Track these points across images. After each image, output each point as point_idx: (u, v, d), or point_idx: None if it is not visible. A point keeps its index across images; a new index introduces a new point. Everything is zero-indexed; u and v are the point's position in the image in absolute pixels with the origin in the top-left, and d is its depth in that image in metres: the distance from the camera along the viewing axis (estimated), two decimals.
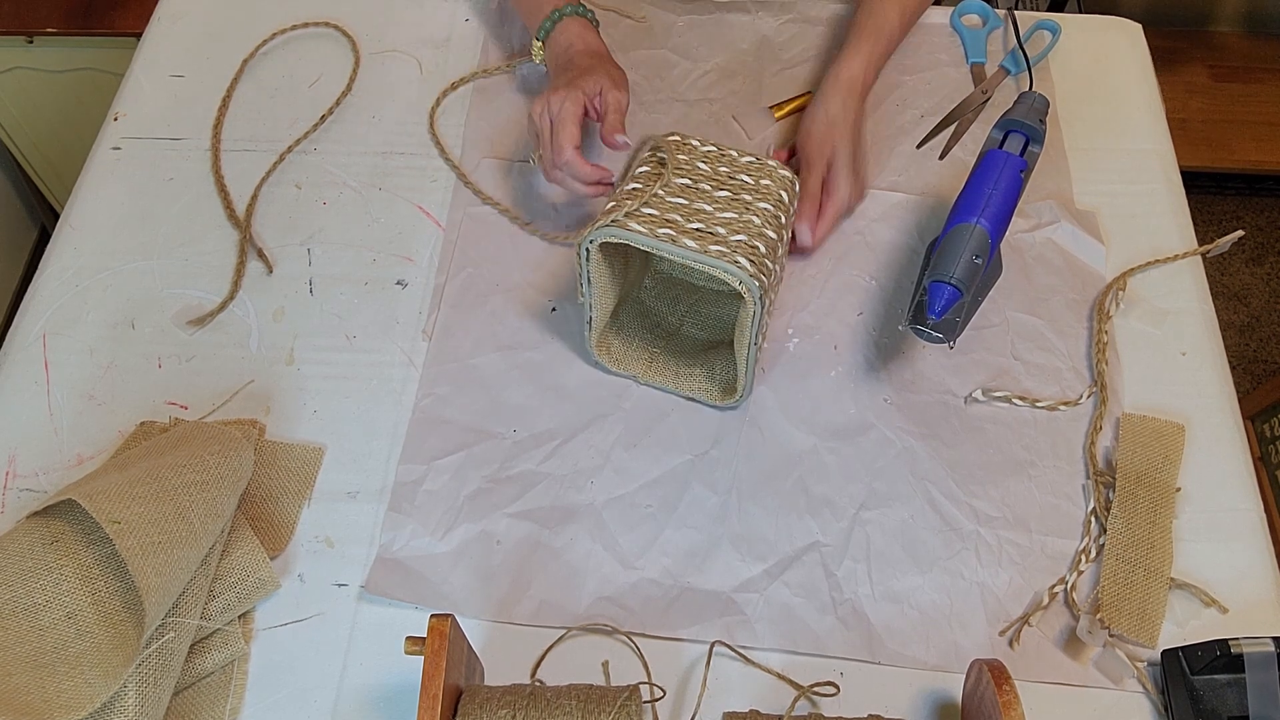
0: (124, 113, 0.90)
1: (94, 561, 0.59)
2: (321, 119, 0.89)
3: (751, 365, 0.69)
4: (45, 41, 1.41)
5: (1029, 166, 0.71)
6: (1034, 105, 0.74)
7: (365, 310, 0.79)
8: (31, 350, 0.77)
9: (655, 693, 0.62)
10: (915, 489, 0.71)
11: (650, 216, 0.65)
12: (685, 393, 0.74)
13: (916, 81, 0.92)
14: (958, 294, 0.65)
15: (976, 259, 0.66)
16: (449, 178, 0.86)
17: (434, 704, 0.51)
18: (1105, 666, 0.64)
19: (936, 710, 0.63)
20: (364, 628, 0.65)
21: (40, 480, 0.71)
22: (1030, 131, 0.72)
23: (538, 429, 0.73)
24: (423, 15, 0.97)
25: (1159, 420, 0.73)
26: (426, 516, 0.69)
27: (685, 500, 0.70)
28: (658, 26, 0.96)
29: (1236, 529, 0.70)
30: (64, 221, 0.84)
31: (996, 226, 0.67)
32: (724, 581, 0.67)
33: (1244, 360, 1.84)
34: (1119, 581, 0.66)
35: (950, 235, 0.67)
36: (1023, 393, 0.75)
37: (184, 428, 0.68)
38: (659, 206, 0.66)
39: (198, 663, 0.62)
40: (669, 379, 0.74)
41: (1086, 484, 0.71)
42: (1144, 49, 0.96)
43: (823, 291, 0.80)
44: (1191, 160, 1.86)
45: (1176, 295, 0.80)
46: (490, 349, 0.77)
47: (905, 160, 0.88)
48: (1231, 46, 2.03)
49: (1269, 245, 1.97)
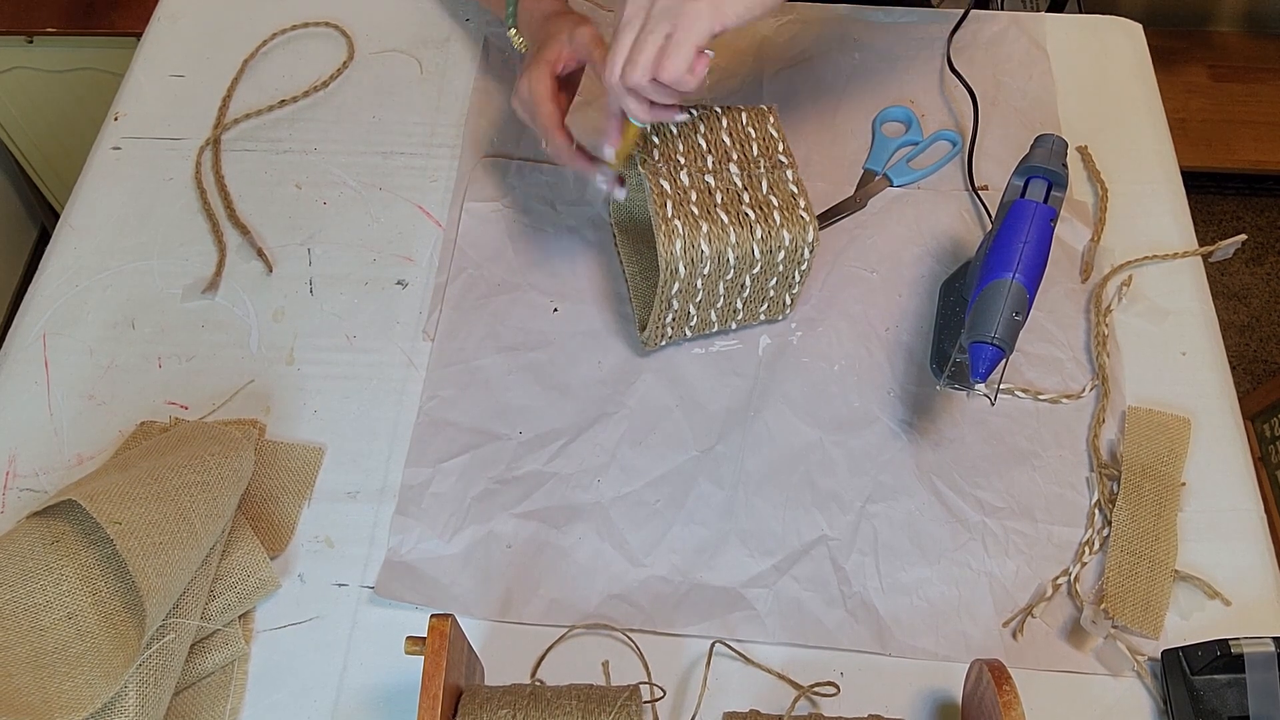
0: (124, 113, 0.90)
1: (95, 562, 0.59)
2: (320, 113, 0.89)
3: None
4: (45, 41, 1.42)
5: (1057, 215, 0.69)
6: (1053, 149, 0.71)
7: (365, 310, 0.79)
8: (31, 350, 0.77)
9: (655, 693, 0.62)
10: (921, 481, 0.71)
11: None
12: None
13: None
14: (1000, 353, 0.63)
15: (1017, 316, 0.64)
16: (449, 178, 0.86)
17: (434, 704, 0.51)
18: (1106, 658, 0.64)
19: (936, 710, 0.63)
20: (364, 628, 0.65)
21: (40, 480, 0.71)
22: (1053, 177, 0.70)
23: (543, 429, 0.73)
24: (423, 15, 0.97)
25: (1165, 414, 0.73)
26: (434, 519, 0.69)
27: (692, 496, 0.70)
28: None
29: (1237, 529, 0.70)
30: (64, 221, 0.84)
31: (1032, 280, 0.65)
32: (733, 577, 0.67)
33: (1244, 360, 1.84)
34: (1124, 573, 0.66)
35: (986, 292, 0.65)
36: (1025, 384, 0.75)
37: (184, 428, 0.68)
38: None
39: (198, 663, 0.62)
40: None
41: (1090, 476, 0.71)
42: (1144, 49, 0.96)
43: (824, 285, 0.80)
44: (1191, 160, 1.86)
45: (1177, 295, 0.80)
46: (493, 350, 0.77)
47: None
48: (1231, 46, 2.03)
49: (1269, 245, 1.98)
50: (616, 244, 0.81)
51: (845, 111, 0.90)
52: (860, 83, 0.92)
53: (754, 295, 0.73)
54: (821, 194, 0.85)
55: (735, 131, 0.72)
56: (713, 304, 0.72)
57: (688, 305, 0.71)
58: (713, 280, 0.69)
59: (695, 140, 0.71)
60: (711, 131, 0.72)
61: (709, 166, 0.70)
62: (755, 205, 0.69)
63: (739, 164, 0.70)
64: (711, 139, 0.71)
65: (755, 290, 0.72)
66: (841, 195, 0.85)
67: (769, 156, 0.71)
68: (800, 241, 0.69)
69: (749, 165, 0.70)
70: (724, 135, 0.72)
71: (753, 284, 0.71)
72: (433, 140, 0.88)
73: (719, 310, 0.73)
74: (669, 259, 0.66)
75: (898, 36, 0.95)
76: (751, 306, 0.74)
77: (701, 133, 0.72)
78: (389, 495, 0.70)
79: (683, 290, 0.69)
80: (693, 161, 0.70)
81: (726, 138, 0.72)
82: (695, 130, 0.72)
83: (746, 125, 0.73)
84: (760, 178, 0.70)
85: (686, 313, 0.72)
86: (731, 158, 0.70)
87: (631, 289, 0.78)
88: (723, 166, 0.70)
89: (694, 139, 0.71)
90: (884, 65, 0.93)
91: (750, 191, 0.69)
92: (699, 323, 0.74)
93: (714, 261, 0.67)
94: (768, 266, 0.70)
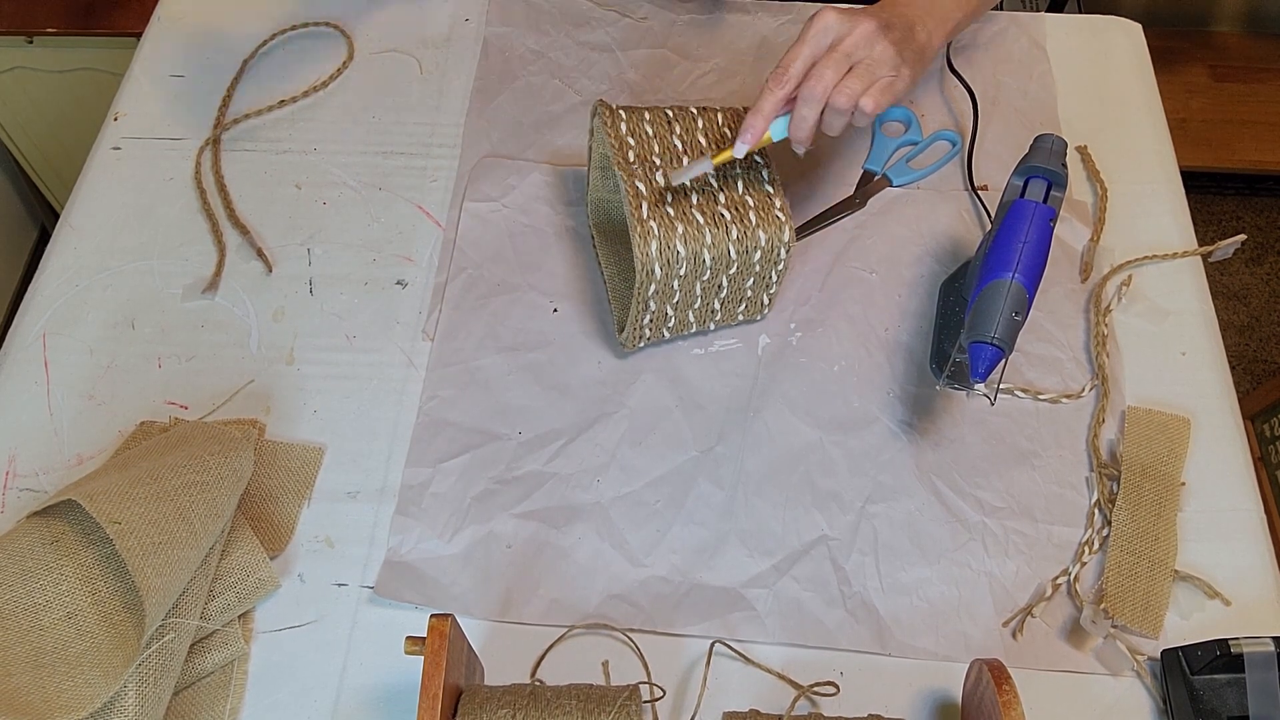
0: (124, 113, 0.90)
1: (94, 562, 0.59)
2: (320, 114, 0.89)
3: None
4: (45, 41, 1.41)
5: (1057, 214, 0.69)
6: (1053, 149, 0.71)
7: (365, 310, 0.79)
8: (31, 350, 0.77)
9: (655, 692, 0.62)
10: (921, 481, 0.71)
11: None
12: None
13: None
14: (999, 353, 0.63)
15: (1016, 316, 0.64)
16: (449, 178, 0.86)
17: (434, 704, 0.51)
18: (1106, 658, 0.64)
19: (936, 710, 0.63)
20: (364, 628, 0.66)
21: (40, 480, 0.71)
22: (1052, 176, 0.70)
23: (542, 429, 0.73)
24: (423, 15, 0.97)
25: (1165, 414, 0.73)
26: (434, 519, 0.69)
27: (692, 496, 0.70)
28: (658, 26, 0.96)
29: (1236, 529, 0.70)
30: (64, 221, 0.84)
31: (1031, 280, 0.66)
32: (733, 577, 0.68)
33: (1244, 360, 1.84)
34: (1123, 573, 0.66)
35: (986, 292, 0.65)
36: (1025, 384, 0.75)
37: (184, 428, 0.68)
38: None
39: (197, 663, 0.62)
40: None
41: (1090, 476, 0.71)
42: (1144, 49, 0.96)
43: (824, 285, 0.80)
44: (1191, 160, 1.86)
45: (1177, 295, 0.80)
46: (493, 351, 0.77)
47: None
48: (1231, 46, 2.03)
49: (1269, 245, 1.98)
50: (595, 246, 0.81)
51: None
52: None
53: (731, 296, 0.73)
54: (821, 194, 0.85)
55: (711, 132, 0.72)
56: (690, 305, 0.72)
57: (665, 307, 0.71)
58: (689, 281, 0.69)
59: (671, 141, 0.71)
60: (688, 133, 0.72)
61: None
62: (731, 206, 0.69)
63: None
64: (688, 140, 0.71)
65: (732, 291, 0.72)
66: (841, 195, 0.85)
67: (743, 158, 0.71)
68: (776, 241, 0.69)
69: (725, 166, 0.70)
70: (700, 136, 0.72)
71: (730, 284, 0.71)
72: (433, 140, 0.88)
73: (696, 311, 0.73)
74: (644, 260, 0.66)
75: None
76: (729, 307, 0.74)
77: (678, 134, 0.72)
78: (389, 495, 0.70)
79: (659, 291, 0.69)
80: (668, 163, 0.70)
81: (703, 138, 0.72)
82: (671, 131, 0.72)
83: (723, 125, 0.73)
84: (736, 178, 0.70)
85: (664, 314, 0.72)
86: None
87: (610, 291, 0.78)
88: None
89: (670, 140, 0.71)
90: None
91: (726, 192, 0.69)
92: (677, 323, 0.74)
93: (690, 262, 0.67)
94: (744, 267, 0.70)
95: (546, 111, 0.90)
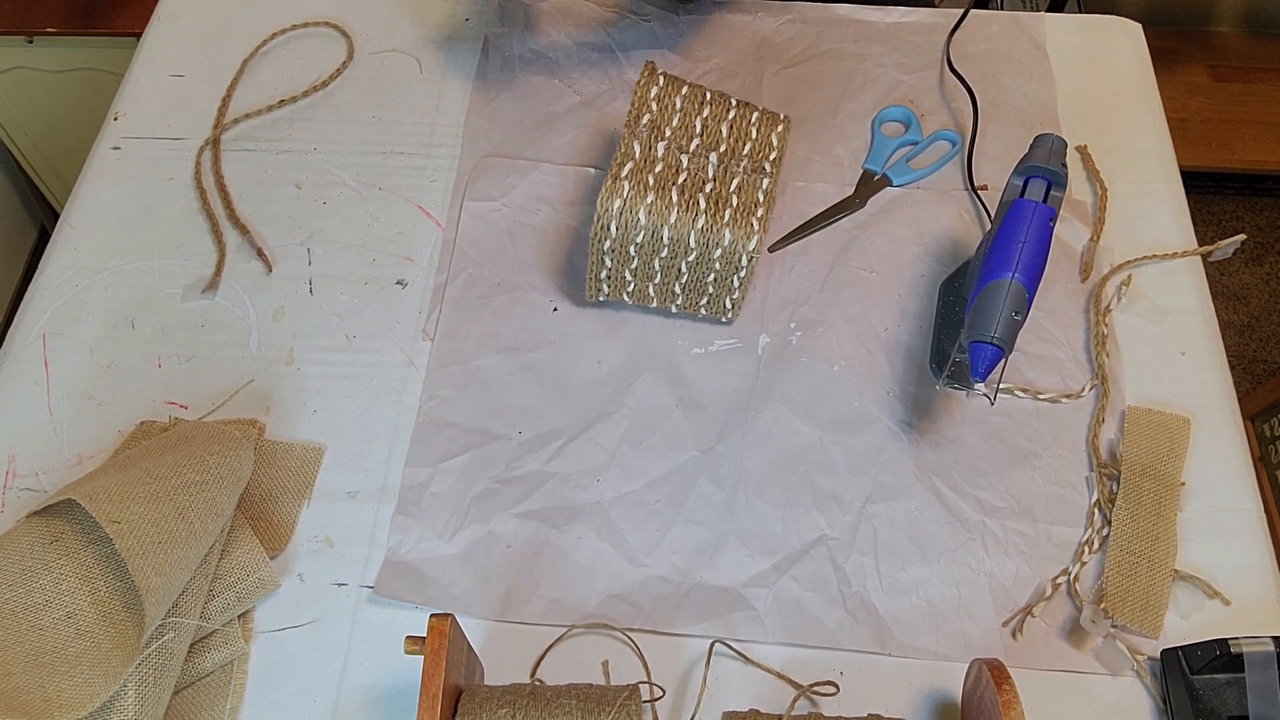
0: (124, 113, 0.90)
1: (94, 561, 0.59)
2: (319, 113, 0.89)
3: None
4: (45, 41, 1.42)
5: (1057, 214, 0.69)
6: (1053, 149, 0.71)
7: (365, 310, 0.79)
8: (31, 350, 0.77)
9: (655, 692, 0.62)
10: (920, 481, 0.71)
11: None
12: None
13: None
14: (999, 353, 0.63)
15: (1016, 315, 0.64)
16: (449, 177, 0.86)
17: (434, 703, 0.51)
18: (1106, 658, 0.64)
19: (936, 710, 0.63)
20: (364, 627, 0.66)
21: (40, 480, 0.71)
22: (1052, 176, 0.70)
23: (542, 429, 0.73)
24: (423, 15, 0.97)
25: (1165, 414, 0.73)
26: (433, 519, 0.69)
27: (692, 496, 0.70)
28: (658, 26, 0.96)
29: (1236, 529, 0.70)
30: (64, 221, 0.84)
31: (1031, 280, 0.66)
32: (733, 577, 0.68)
33: (1244, 360, 1.84)
34: (1123, 572, 0.66)
35: (985, 292, 0.66)
36: (1025, 384, 0.75)
37: (184, 427, 0.68)
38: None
39: (197, 662, 0.62)
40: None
41: (1090, 475, 0.71)
42: (1144, 49, 0.96)
43: (824, 285, 0.80)
44: (1191, 160, 1.86)
45: (1176, 295, 0.80)
46: (493, 350, 0.77)
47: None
48: (1231, 46, 2.04)
49: (1269, 245, 1.98)
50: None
51: (845, 111, 0.90)
52: (860, 82, 0.92)
53: (691, 285, 0.73)
54: (821, 194, 0.85)
55: (737, 126, 0.72)
56: (650, 279, 0.72)
57: (623, 270, 0.71)
58: (647, 252, 0.70)
59: (692, 120, 0.71)
60: (714, 119, 0.72)
61: (690, 148, 0.70)
62: (712, 197, 0.69)
63: (721, 156, 0.70)
64: (711, 125, 0.72)
65: (693, 280, 0.72)
66: (841, 195, 0.85)
67: (754, 159, 0.71)
68: (741, 247, 0.69)
69: (729, 160, 0.70)
70: (723, 125, 0.72)
71: (689, 273, 0.71)
72: (433, 140, 0.88)
73: (657, 287, 0.74)
74: (602, 214, 0.68)
75: (898, 36, 0.95)
76: (691, 296, 0.74)
77: (704, 116, 0.72)
78: (389, 495, 0.70)
79: (615, 251, 0.70)
80: (677, 139, 0.70)
81: (725, 128, 0.72)
82: (698, 112, 0.72)
83: (752, 125, 0.73)
84: (735, 175, 0.70)
85: (622, 277, 0.72)
86: (718, 148, 0.71)
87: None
88: (704, 152, 0.70)
89: (692, 120, 0.71)
90: (884, 65, 0.93)
91: (715, 183, 0.69)
92: (636, 291, 0.74)
93: (648, 233, 0.68)
94: (703, 260, 0.70)
95: (546, 111, 0.90)
